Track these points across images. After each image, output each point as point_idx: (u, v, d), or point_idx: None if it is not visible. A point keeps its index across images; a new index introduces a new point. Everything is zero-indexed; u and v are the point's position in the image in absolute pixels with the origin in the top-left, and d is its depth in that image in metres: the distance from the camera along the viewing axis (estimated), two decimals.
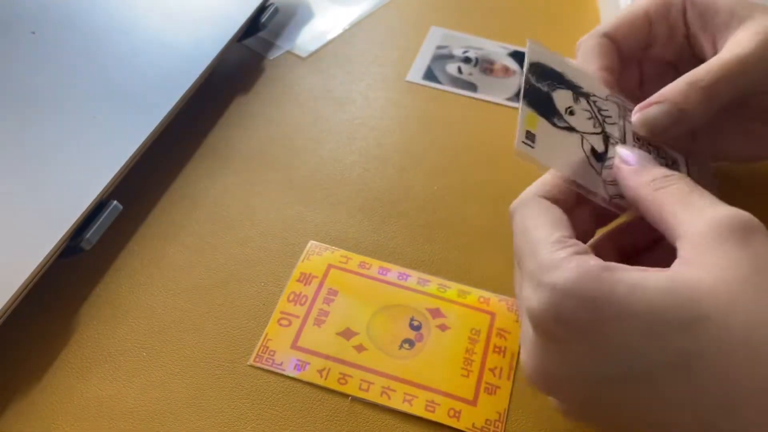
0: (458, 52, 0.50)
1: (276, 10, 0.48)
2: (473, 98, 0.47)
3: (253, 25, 0.46)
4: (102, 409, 0.29)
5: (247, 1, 0.46)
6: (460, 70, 0.49)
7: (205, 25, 0.44)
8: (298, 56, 0.49)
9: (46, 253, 0.30)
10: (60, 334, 0.32)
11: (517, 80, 0.48)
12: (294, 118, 0.44)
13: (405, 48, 0.50)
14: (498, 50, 0.50)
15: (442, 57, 0.50)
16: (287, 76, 0.47)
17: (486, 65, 0.49)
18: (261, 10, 0.47)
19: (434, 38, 0.52)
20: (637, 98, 0.32)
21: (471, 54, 0.50)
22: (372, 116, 0.44)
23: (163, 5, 0.45)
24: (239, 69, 0.48)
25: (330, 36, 0.51)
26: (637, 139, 0.31)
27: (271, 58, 0.49)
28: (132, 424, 0.29)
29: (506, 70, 0.49)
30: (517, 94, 0.46)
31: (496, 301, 0.34)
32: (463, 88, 0.47)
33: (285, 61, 0.49)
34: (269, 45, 0.50)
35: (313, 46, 0.50)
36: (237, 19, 0.45)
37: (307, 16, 0.53)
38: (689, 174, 0.31)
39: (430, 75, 0.48)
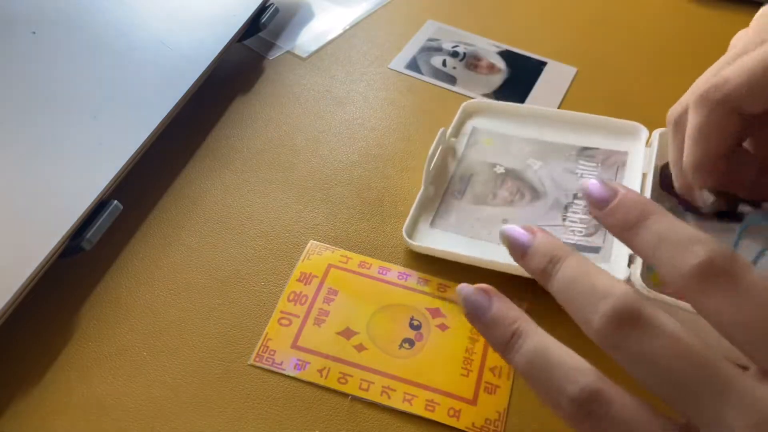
0: (448, 45, 0.50)
1: (276, 11, 0.48)
2: (449, 90, 0.47)
3: (253, 25, 0.46)
4: (103, 409, 0.29)
5: (247, 1, 0.46)
6: (444, 63, 0.49)
7: (206, 25, 0.44)
8: (298, 56, 0.49)
9: (47, 252, 0.30)
10: (60, 333, 0.32)
11: (500, 78, 0.48)
12: (294, 118, 0.44)
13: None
14: (488, 47, 0.51)
15: (429, 49, 0.50)
16: (287, 76, 0.47)
17: (472, 60, 0.49)
18: (261, 10, 0.47)
19: (427, 31, 0.52)
20: None
21: (460, 48, 0.50)
22: (372, 116, 0.45)
23: (164, 5, 0.45)
24: (239, 69, 0.48)
25: (330, 36, 0.51)
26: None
27: (271, 58, 0.49)
28: (132, 423, 0.29)
29: (491, 68, 0.49)
30: (495, 91, 0.46)
31: None
32: (443, 80, 0.48)
33: (285, 61, 0.49)
34: (269, 45, 0.50)
35: (313, 46, 0.50)
36: (237, 20, 0.45)
37: (307, 16, 0.53)
38: None
39: (413, 65, 0.49)
